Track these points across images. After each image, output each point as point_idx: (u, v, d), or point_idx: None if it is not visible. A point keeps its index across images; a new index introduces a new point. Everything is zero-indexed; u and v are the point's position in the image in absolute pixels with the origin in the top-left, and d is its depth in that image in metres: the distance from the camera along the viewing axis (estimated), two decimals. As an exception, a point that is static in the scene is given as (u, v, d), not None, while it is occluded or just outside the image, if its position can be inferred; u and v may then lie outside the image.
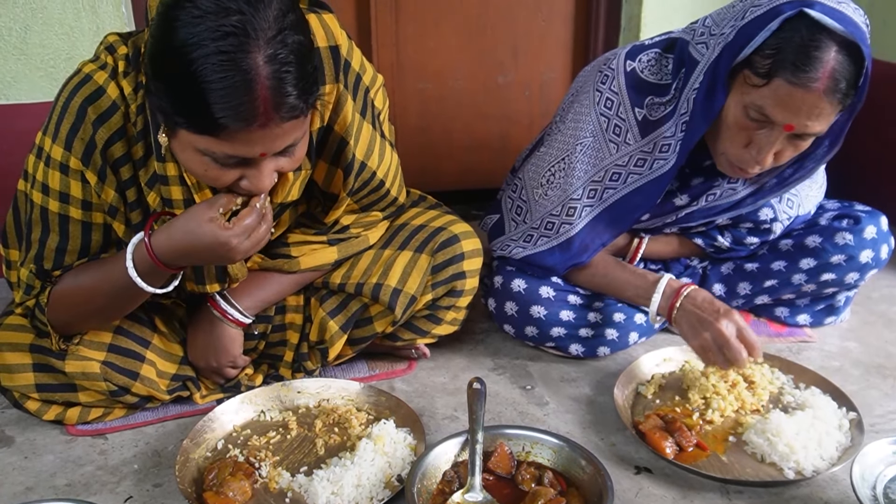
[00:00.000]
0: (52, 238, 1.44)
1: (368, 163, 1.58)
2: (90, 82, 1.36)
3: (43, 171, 1.40)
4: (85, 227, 1.44)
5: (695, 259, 2.02)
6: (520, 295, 1.85)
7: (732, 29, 1.50)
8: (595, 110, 1.71)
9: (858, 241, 1.85)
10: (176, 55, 1.12)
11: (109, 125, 1.37)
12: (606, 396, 1.73)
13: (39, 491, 1.45)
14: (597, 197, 1.76)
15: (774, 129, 1.50)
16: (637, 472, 1.50)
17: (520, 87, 2.90)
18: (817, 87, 1.41)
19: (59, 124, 1.37)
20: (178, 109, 1.17)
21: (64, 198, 1.41)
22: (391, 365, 1.88)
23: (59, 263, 1.46)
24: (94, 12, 2.18)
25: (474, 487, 1.35)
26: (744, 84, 1.50)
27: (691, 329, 1.64)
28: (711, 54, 1.55)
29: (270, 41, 1.14)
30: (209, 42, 1.11)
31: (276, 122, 1.18)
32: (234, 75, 1.12)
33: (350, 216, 1.67)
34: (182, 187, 1.43)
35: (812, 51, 1.40)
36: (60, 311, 1.48)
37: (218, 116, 1.14)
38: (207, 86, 1.12)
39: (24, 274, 1.48)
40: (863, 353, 1.94)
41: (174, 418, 1.66)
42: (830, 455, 1.48)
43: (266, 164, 1.27)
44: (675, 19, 2.62)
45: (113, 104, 1.36)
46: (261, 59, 1.13)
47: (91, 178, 1.39)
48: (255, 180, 1.28)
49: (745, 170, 1.60)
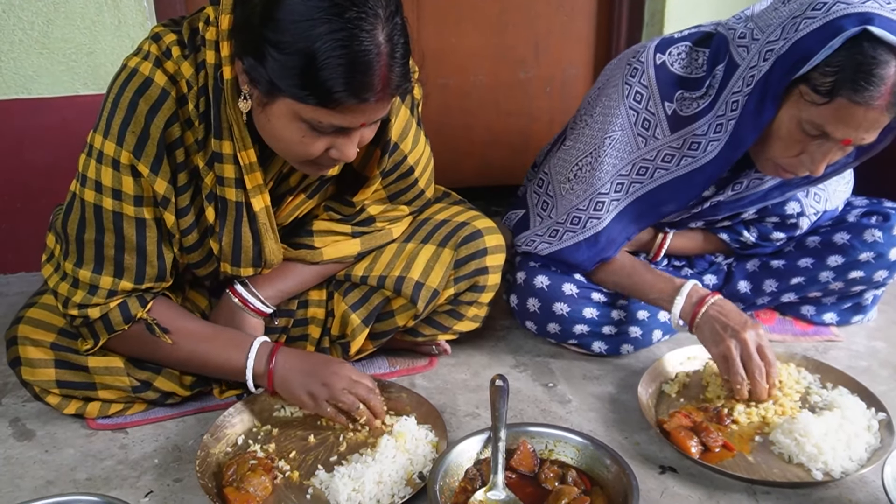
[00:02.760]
0: (107, 237, 1.43)
1: (401, 145, 1.59)
2: (137, 75, 1.37)
3: (95, 169, 1.40)
4: (139, 224, 1.43)
5: (720, 256, 2.00)
6: (542, 292, 1.83)
7: (786, 42, 1.45)
8: (624, 104, 1.69)
9: (888, 239, 1.82)
10: (296, 27, 1.14)
11: (163, 112, 1.37)
12: (630, 395, 1.71)
13: (60, 485, 1.45)
14: (623, 191, 1.74)
15: (829, 140, 1.47)
16: (662, 471, 1.48)
17: (541, 83, 2.89)
18: (879, 104, 1.38)
19: (110, 120, 1.37)
20: (294, 80, 1.18)
21: (117, 195, 1.40)
22: (412, 361, 1.87)
23: (141, 279, 1.47)
24: (115, 6, 2.19)
25: (497, 485, 1.33)
26: (800, 99, 1.45)
27: (713, 336, 1.61)
28: (760, 63, 1.50)
29: (388, 20, 1.18)
30: (333, 17, 1.13)
31: (387, 99, 1.24)
32: (359, 53, 1.15)
33: (378, 206, 1.66)
34: (235, 166, 1.43)
35: (874, 68, 1.36)
36: (144, 349, 1.54)
37: (336, 91, 1.17)
38: (331, 60, 1.14)
39: (83, 275, 1.45)
40: (891, 352, 1.91)
41: (194, 413, 1.66)
42: (860, 456, 1.45)
43: (356, 134, 1.30)
44: (699, 14, 2.59)
45: (163, 91, 1.36)
46: (382, 38, 1.17)
47: (143, 170, 1.39)
48: (344, 149, 1.31)
49: (794, 174, 1.57)
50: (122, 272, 1.46)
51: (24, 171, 2.25)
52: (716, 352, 1.61)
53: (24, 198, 2.29)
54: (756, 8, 1.61)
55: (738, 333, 1.57)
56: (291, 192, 1.57)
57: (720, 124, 1.59)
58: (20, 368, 1.56)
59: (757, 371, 1.56)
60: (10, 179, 2.26)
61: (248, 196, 1.46)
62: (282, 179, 1.54)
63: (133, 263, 1.46)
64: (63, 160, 2.24)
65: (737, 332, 1.57)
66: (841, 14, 1.39)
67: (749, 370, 1.56)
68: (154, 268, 1.48)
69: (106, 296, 1.46)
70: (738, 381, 1.57)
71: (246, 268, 1.56)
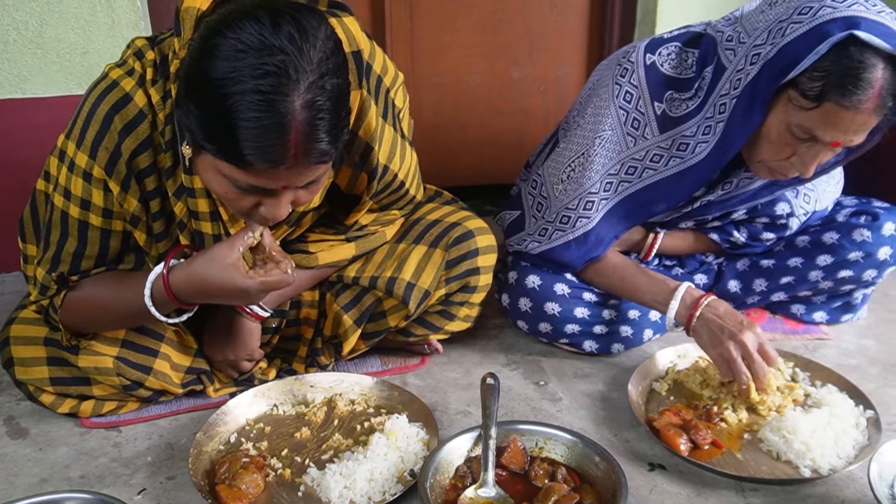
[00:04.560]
0: (70, 242, 1.44)
1: (391, 166, 1.57)
2: (117, 89, 1.35)
3: (66, 177, 1.39)
4: (104, 233, 1.44)
5: (710, 255, 2.01)
6: (534, 291, 1.84)
7: (773, 46, 1.46)
8: (614, 103, 1.70)
9: (877, 238, 1.83)
10: (213, 85, 1.10)
11: (136, 134, 1.36)
12: (620, 393, 1.72)
13: (54, 482, 1.46)
14: (612, 190, 1.74)
15: (819, 143, 1.48)
16: (651, 468, 1.49)
17: (535, 83, 2.89)
18: (867, 107, 1.39)
19: (84, 131, 1.36)
20: (207, 136, 1.16)
21: (85, 205, 1.40)
22: (404, 360, 1.88)
23: (77, 268, 1.46)
24: (109, 7, 2.19)
25: (487, 483, 1.34)
26: (788, 104, 1.46)
27: (712, 338, 1.61)
28: (747, 67, 1.51)
29: (311, 86, 1.12)
30: (248, 79, 1.09)
31: (304, 165, 1.17)
32: (270, 117, 1.10)
33: (369, 215, 1.67)
34: (208, 200, 1.43)
35: (861, 72, 1.37)
36: (73, 316, 1.49)
37: (246, 153, 1.13)
38: (241, 122, 1.10)
39: (40, 273, 1.48)
40: (880, 350, 1.92)
41: (188, 411, 1.67)
42: (847, 453, 1.46)
43: (286, 195, 1.26)
44: (690, 13, 2.60)
45: (140, 113, 1.35)
46: (298, 104, 1.11)
47: (114, 188, 1.38)
48: (272, 209, 1.27)
49: (785, 176, 1.58)
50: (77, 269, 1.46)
51: (19, 171, 2.25)
52: (714, 354, 1.60)
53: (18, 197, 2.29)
54: (745, 9, 1.62)
55: (736, 335, 1.57)
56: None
57: (709, 126, 1.60)
58: (13, 369, 1.57)
59: (760, 371, 1.56)
60: (4, 179, 2.27)
61: (226, 227, 1.47)
62: None
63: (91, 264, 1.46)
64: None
65: (734, 334, 1.57)
66: (827, 18, 1.39)
67: (754, 371, 1.56)
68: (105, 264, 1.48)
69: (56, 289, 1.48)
70: (744, 381, 1.56)
71: None
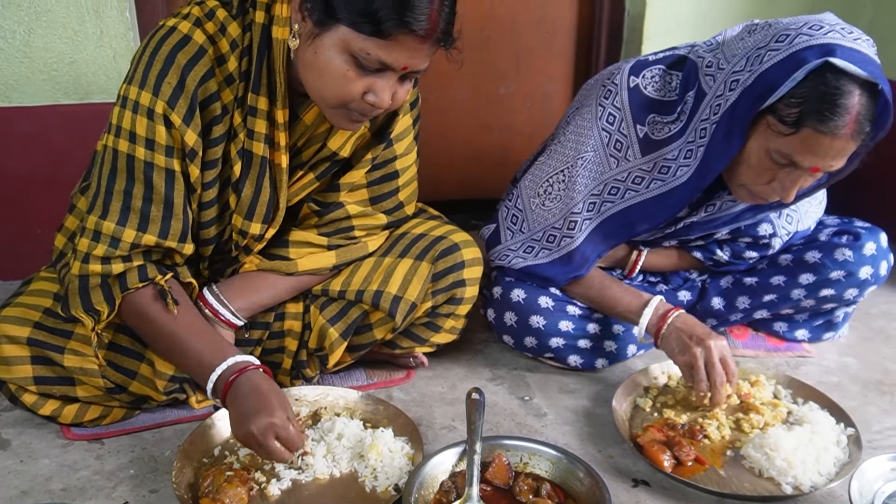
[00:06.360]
0: (136, 188, 1.44)
1: (395, 144, 1.66)
2: (175, 32, 1.42)
3: (130, 119, 1.42)
4: (168, 175, 1.45)
5: (694, 272, 2.03)
6: (519, 305, 1.85)
7: (751, 73, 1.48)
8: (597, 125, 1.72)
9: (858, 258, 1.85)
10: None
11: (200, 66, 1.42)
12: (605, 408, 1.72)
13: (35, 495, 1.45)
14: (595, 210, 1.76)
15: (798, 168, 1.50)
16: (635, 484, 1.50)
17: (522, 99, 2.91)
18: (845, 132, 1.41)
19: (146, 72, 1.41)
20: (351, 6, 1.26)
21: (150, 144, 1.43)
22: (389, 373, 1.88)
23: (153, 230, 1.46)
24: (97, 16, 2.19)
25: (472, 498, 1.34)
26: (767, 130, 1.48)
27: (680, 345, 1.66)
28: (726, 93, 1.53)
29: None
30: None
31: (433, 42, 1.31)
32: None
33: (357, 206, 1.68)
34: (266, 122, 1.48)
35: (838, 98, 1.39)
36: (134, 320, 1.50)
37: (391, 17, 1.25)
38: None
39: (106, 226, 1.44)
40: (861, 368, 1.95)
41: (171, 424, 1.66)
42: (828, 470, 1.48)
43: (394, 80, 1.36)
44: (677, 34, 2.64)
45: (201, 48, 1.42)
46: None
47: (175, 120, 1.42)
48: (381, 93, 1.36)
49: (766, 200, 1.61)
50: (147, 225, 1.46)
51: (4, 180, 2.24)
52: (682, 360, 1.65)
53: (2, 206, 2.28)
54: (727, 34, 1.65)
55: (703, 341, 1.62)
56: (302, 166, 1.60)
57: (690, 150, 1.62)
58: None
59: (718, 379, 1.60)
60: (-11, 187, 2.25)
61: (273, 152, 1.51)
62: (296, 153, 1.58)
63: (159, 216, 1.46)
64: (44, 169, 2.23)
65: (702, 339, 1.62)
66: (803, 46, 1.42)
67: (711, 378, 1.61)
68: (179, 222, 1.48)
69: (129, 248, 1.45)
70: (703, 389, 1.62)
71: (256, 223, 1.57)
